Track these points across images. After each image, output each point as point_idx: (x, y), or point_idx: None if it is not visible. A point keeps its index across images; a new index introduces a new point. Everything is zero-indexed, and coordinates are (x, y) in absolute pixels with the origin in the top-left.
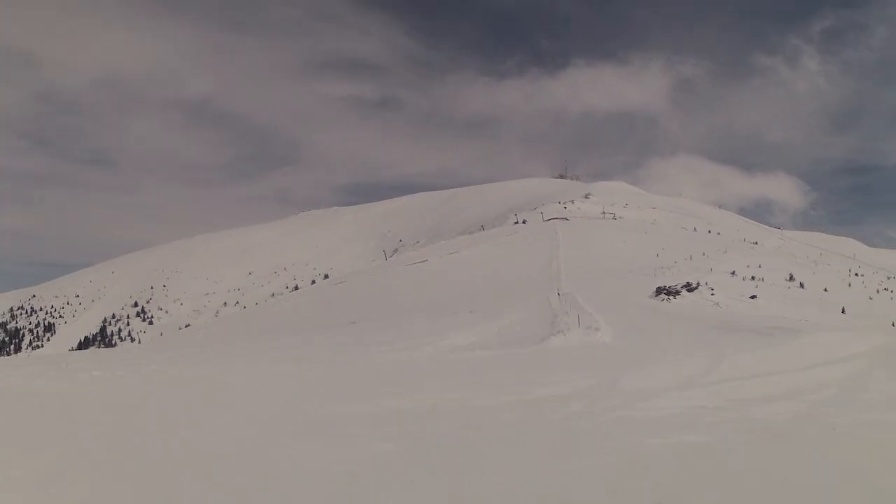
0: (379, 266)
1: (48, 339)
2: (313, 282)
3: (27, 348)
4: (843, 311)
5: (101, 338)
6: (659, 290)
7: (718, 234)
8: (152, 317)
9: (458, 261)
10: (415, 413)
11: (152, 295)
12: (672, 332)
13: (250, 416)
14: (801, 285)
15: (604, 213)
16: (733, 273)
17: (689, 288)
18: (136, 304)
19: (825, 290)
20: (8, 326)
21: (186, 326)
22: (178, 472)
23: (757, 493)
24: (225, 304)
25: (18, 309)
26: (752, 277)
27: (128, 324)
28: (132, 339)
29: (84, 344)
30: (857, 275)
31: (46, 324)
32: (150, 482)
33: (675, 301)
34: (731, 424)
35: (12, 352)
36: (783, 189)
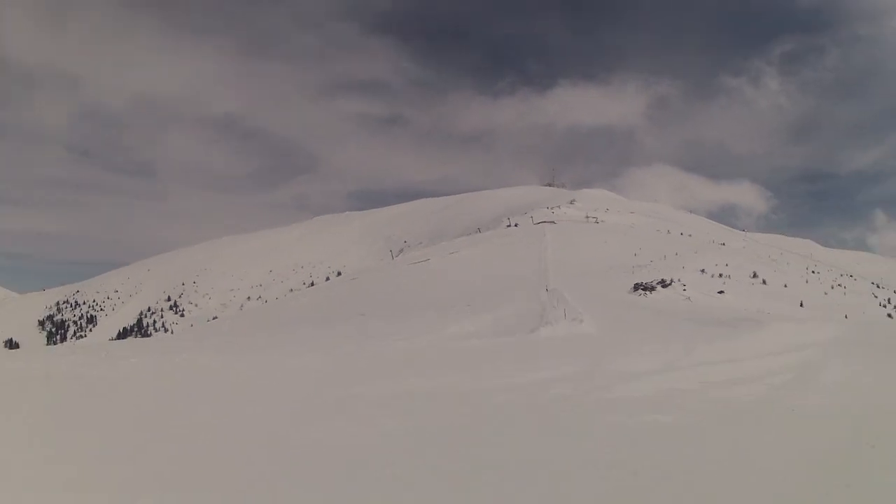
0: (385, 265)
1: (90, 330)
2: (327, 279)
3: (72, 338)
4: (801, 305)
5: (138, 328)
6: (636, 286)
7: (690, 235)
8: (184, 310)
9: (457, 260)
10: (417, 395)
11: (183, 290)
12: (648, 324)
13: (271, 400)
14: (764, 282)
15: (587, 217)
16: (703, 271)
17: (664, 284)
18: (169, 299)
19: (785, 285)
20: (55, 318)
21: (214, 318)
22: (210, 452)
23: (723, 466)
24: (248, 298)
25: (64, 303)
26: (720, 275)
27: (162, 316)
28: (166, 330)
29: (123, 334)
30: (813, 272)
31: (89, 316)
32: (186, 461)
33: (651, 296)
34: (701, 405)
35: (58, 341)
36: (747, 195)
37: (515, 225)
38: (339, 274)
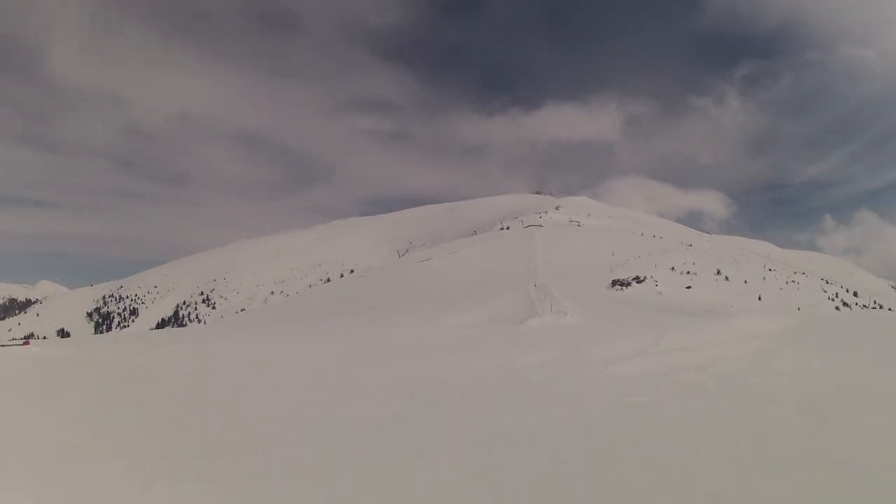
0: (393, 264)
1: (133, 321)
2: (341, 276)
3: (116, 328)
4: (759, 299)
5: (175, 319)
6: (614, 282)
7: (661, 237)
8: (215, 303)
9: (456, 259)
10: (422, 377)
11: (215, 286)
12: (625, 316)
13: (291, 381)
14: (727, 278)
15: (570, 221)
16: (673, 268)
17: (638, 280)
18: (202, 293)
19: (745, 281)
20: (101, 311)
21: (242, 310)
22: (235, 427)
23: (691, 436)
24: (272, 292)
25: (109, 297)
26: (688, 272)
27: (195, 308)
28: (199, 321)
29: (161, 324)
30: (770, 270)
31: (131, 308)
32: (217, 435)
33: (627, 291)
34: (673, 387)
35: (104, 331)
36: (711, 202)
37: (507, 228)
38: (352, 272)
